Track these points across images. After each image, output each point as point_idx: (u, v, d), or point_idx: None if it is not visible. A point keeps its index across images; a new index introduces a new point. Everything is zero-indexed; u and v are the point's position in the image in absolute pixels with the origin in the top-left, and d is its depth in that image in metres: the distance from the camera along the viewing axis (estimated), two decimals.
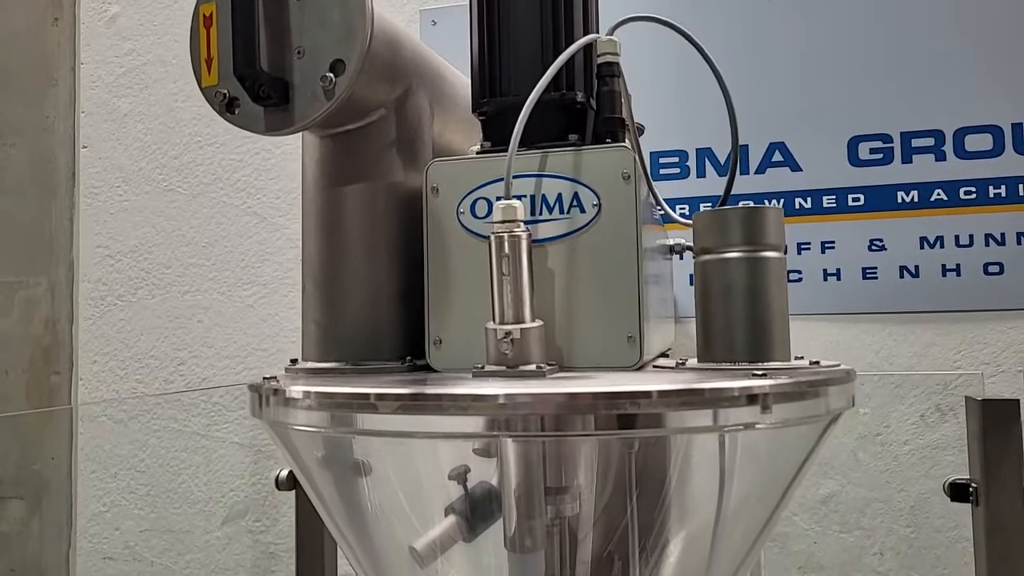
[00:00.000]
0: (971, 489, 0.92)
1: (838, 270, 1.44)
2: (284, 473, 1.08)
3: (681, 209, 1.49)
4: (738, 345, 0.54)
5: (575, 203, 0.55)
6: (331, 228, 0.59)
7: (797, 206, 1.46)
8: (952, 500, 0.93)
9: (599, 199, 0.54)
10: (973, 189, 1.38)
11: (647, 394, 0.39)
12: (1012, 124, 1.37)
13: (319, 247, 0.60)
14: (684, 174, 1.52)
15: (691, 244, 0.74)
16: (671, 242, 0.84)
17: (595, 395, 0.39)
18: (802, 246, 1.46)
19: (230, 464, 1.72)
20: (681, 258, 1.42)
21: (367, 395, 0.42)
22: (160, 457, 1.76)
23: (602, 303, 0.53)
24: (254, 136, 1.92)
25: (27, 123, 1.84)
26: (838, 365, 0.62)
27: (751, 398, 0.41)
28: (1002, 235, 1.36)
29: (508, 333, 0.47)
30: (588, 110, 0.60)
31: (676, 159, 1.51)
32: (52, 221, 1.85)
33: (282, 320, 1.71)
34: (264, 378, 0.57)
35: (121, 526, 1.77)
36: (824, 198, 1.45)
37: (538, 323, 0.48)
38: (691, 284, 0.76)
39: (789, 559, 1.44)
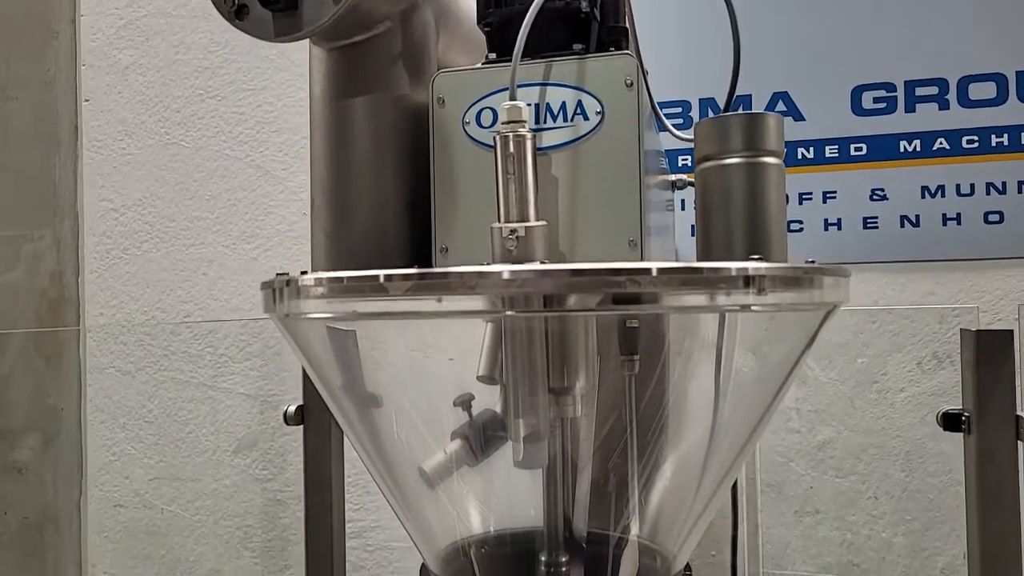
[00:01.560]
0: (963, 418, 0.94)
1: (839, 220, 1.45)
2: (292, 408, 1.10)
3: (684, 161, 1.49)
4: (736, 248, 0.55)
5: (579, 111, 0.56)
6: (339, 141, 0.60)
7: (800, 156, 1.46)
8: (944, 429, 0.94)
9: (602, 106, 0.55)
10: (975, 138, 1.38)
11: (646, 271, 0.40)
12: (1016, 72, 1.36)
13: (327, 159, 0.61)
14: (687, 124, 1.52)
15: (692, 180, 0.75)
16: (673, 178, 0.85)
17: (597, 271, 0.40)
18: (804, 196, 1.46)
19: (236, 414, 1.75)
20: (683, 208, 1.43)
21: (376, 276, 0.44)
22: (167, 408, 1.79)
23: (605, 208, 0.54)
24: (256, 88, 1.92)
25: (29, 76, 1.84)
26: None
27: (748, 280, 0.42)
28: (1003, 184, 1.37)
29: (513, 231, 0.48)
30: (592, 20, 0.60)
31: (679, 109, 1.51)
32: (56, 175, 1.86)
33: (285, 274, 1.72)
34: (277, 275, 0.58)
35: (131, 474, 1.80)
36: (827, 148, 1.45)
37: (542, 222, 0.50)
38: (692, 235, 0.77)
39: (785, 503, 1.47)
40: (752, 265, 0.43)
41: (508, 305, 0.42)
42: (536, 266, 0.45)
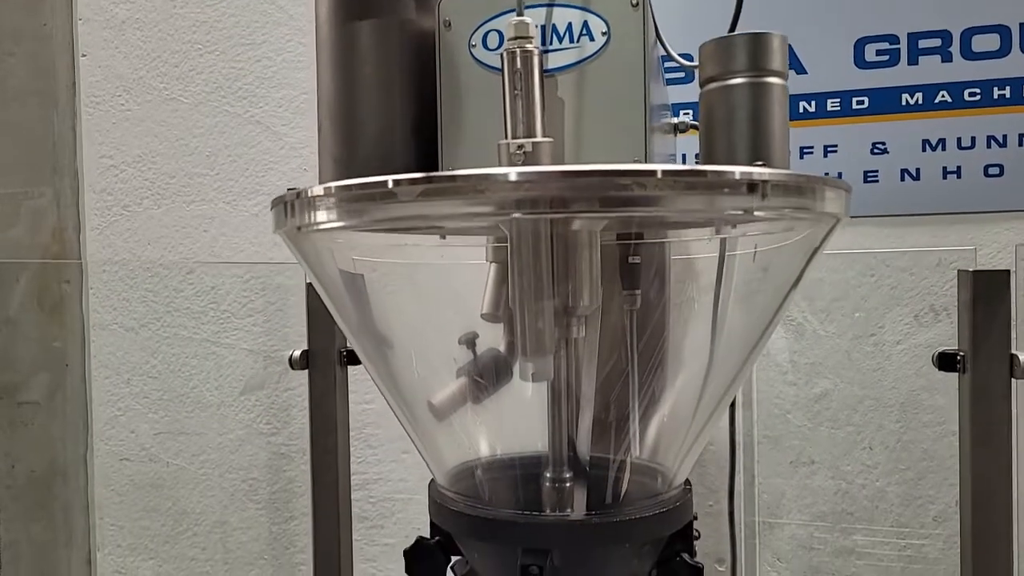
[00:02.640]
0: (958, 358, 0.95)
1: (840, 174, 1.45)
2: (297, 353, 1.11)
3: (686, 114, 1.49)
4: (739, 163, 0.56)
5: (584, 32, 0.56)
6: (345, 64, 0.60)
7: (801, 110, 1.46)
8: (939, 369, 0.96)
9: (608, 27, 0.56)
10: (978, 90, 1.38)
11: (652, 172, 0.41)
12: (1020, 24, 1.36)
13: (334, 83, 0.62)
14: (689, 78, 1.51)
15: (695, 122, 0.76)
16: (675, 121, 0.85)
17: (604, 172, 0.41)
18: (805, 150, 1.47)
19: (240, 369, 1.77)
20: (684, 161, 1.43)
21: (384, 182, 0.44)
22: (171, 364, 1.80)
23: (610, 129, 0.55)
24: (255, 43, 1.90)
25: (25, 30, 1.83)
26: None
27: (751, 185, 0.43)
28: (1004, 137, 1.37)
29: (520, 146, 0.49)
30: None
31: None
32: (55, 131, 1.85)
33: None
34: (288, 189, 0.59)
35: (136, 429, 1.82)
36: (828, 101, 1.45)
37: (549, 139, 0.50)
38: None
39: (781, 454, 1.49)
40: (756, 170, 0.43)
41: (515, 207, 0.43)
42: (544, 168, 0.46)
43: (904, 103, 1.41)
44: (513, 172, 0.42)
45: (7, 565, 1.88)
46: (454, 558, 0.65)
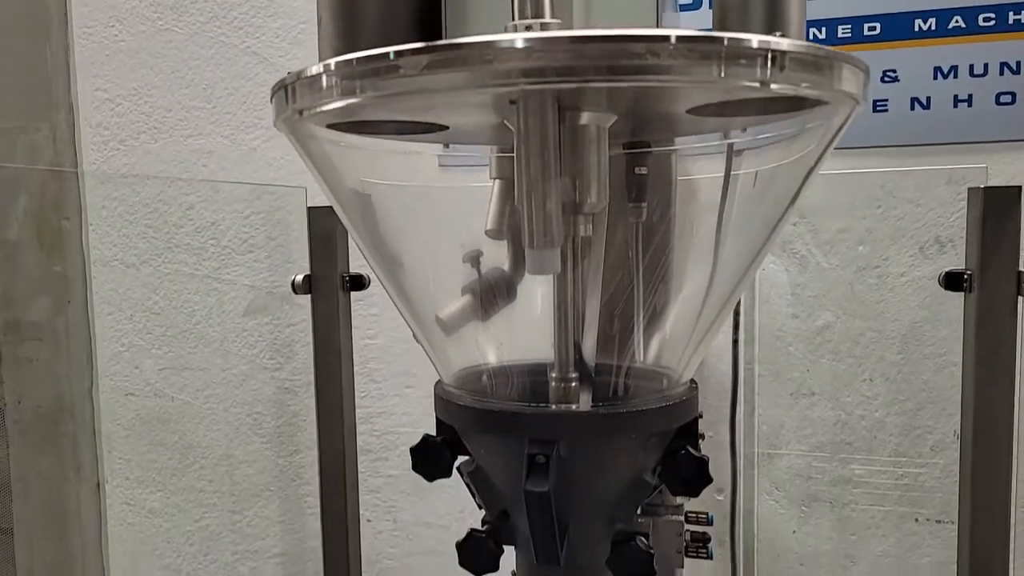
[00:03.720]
0: (965, 277, 0.95)
1: None
2: (300, 278, 1.11)
3: None
4: (754, 29, 0.54)
5: None
6: None
7: (811, 36, 1.42)
8: (946, 289, 0.96)
9: None
10: (992, 15, 1.34)
11: (665, 38, 0.40)
12: None
13: None
14: (697, 5, 1.47)
15: None
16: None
17: (615, 37, 0.39)
18: None
19: (242, 306, 1.77)
20: None
21: (386, 54, 0.43)
22: (173, 300, 1.80)
23: (621, 8, 0.53)
24: None
25: None
26: None
27: (769, 54, 0.41)
28: (1017, 63, 1.34)
29: (528, 27, 0.48)
30: None
31: None
32: (48, 64, 1.82)
33: (288, 163, 1.71)
34: (288, 74, 0.58)
35: (140, 364, 1.84)
36: (839, 28, 1.41)
37: (558, 20, 0.49)
38: None
39: (781, 386, 1.50)
40: (774, 39, 0.42)
41: (523, 76, 0.41)
42: (552, 33, 0.44)
43: (917, 29, 1.38)
44: (520, 38, 0.40)
45: (18, 498, 1.92)
46: (461, 457, 0.65)
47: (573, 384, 0.61)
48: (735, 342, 1.46)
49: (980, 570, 1.03)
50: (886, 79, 1.40)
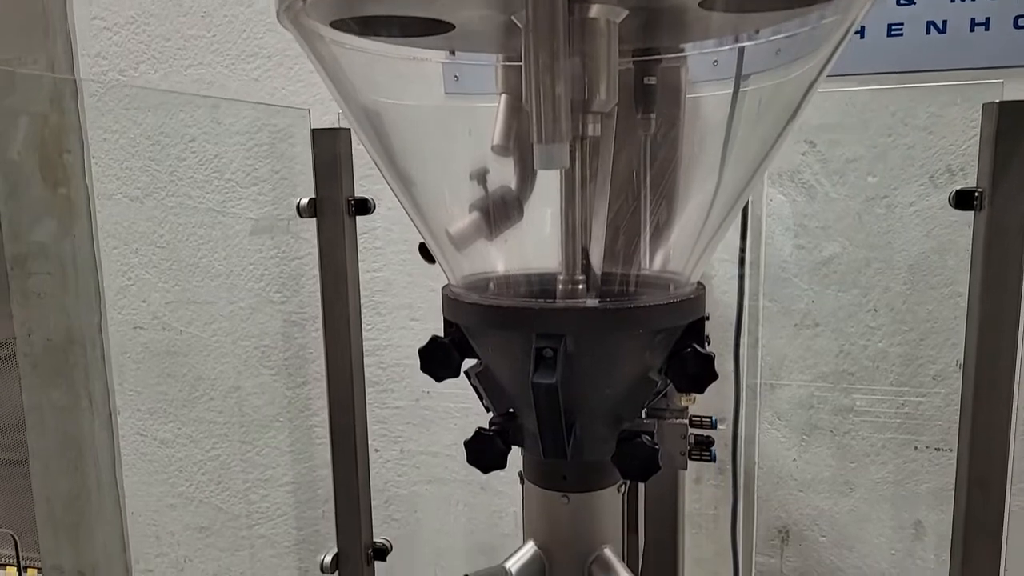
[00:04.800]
0: (976, 195, 0.94)
1: (862, 28, 1.39)
2: (304, 201, 1.11)
3: None
4: None
5: None
6: None
7: None
8: (955, 207, 0.95)
9: None
10: None
11: None
12: None
13: None
14: None
15: None
16: None
17: None
18: None
19: (247, 239, 1.77)
20: None
21: None
22: (179, 233, 1.80)
23: None
24: None
25: None
26: None
27: None
28: None
29: None
30: None
31: None
32: None
33: (289, 94, 1.68)
34: None
35: (148, 298, 1.85)
36: None
37: None
38: None
39: (786, 317, 1.51)
40: None
41: None
42: None
43: None
44: None
45: (32, 429, 1.96)
46: (468, 361, 0.66)
47: (580, 281, 0.61)
48: (740, 276, 1.46)
49: (978, 496, 1.04)
50: (902, 2, 1.36)
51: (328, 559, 1.18)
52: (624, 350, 0.58)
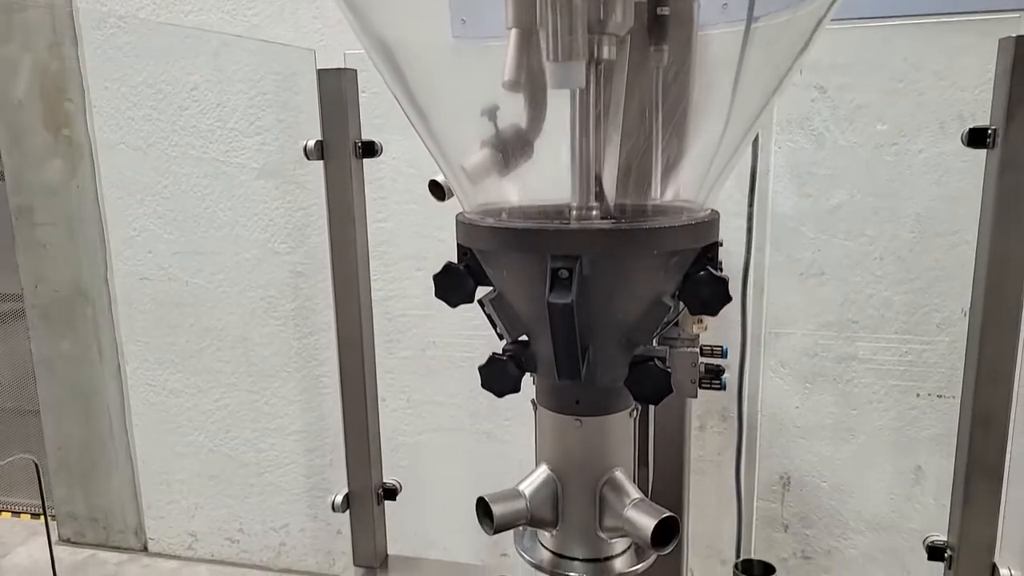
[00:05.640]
0: (989, 132, 0.93)
1: None
2: (311, 143, 1.10)
3: None
4: None
5: None
6: None
7: None
8: (968, 146, 0.94)
9: None
10: None
11: None
12: None
13: None
14: None
15: None
16: None
17: None
18: None
19: (252, 189, 1.76)
20: None
21: None
22: (183, 184, 1.80)
23: None
24: None
25: None
26: None
27: None
28: None
29: None
30: None
31: None
32: None
33: (290, 41, 1.66)
34: None
35: (153, 249, 1.85)
36: None
37: None
38: None
39: (792, 266, 1.51)
40: None
41: None
42: None
43: None
44: None
45: (42, 379, 1.98)
46: (481, 289, 0.66)
47: (595, 207, 0.61)
48: (748, 228, 1.45)
49: (980, 440, 1.05)
50: None
51: (339, 499, 1.20)
52: (638, 272, 0.58)
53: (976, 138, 0.94)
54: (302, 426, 1.85)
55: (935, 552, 1.03)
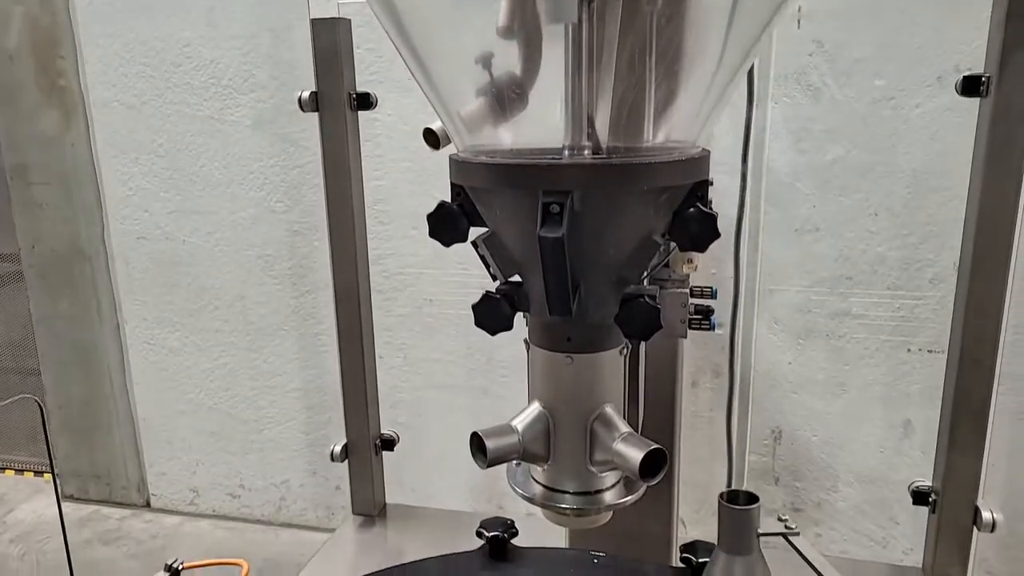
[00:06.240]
0: (983, 80, 0.93)
1: None
2: (306, 94, 1.09)
3: None
4: None
5: None
6: None
7: None
8: (961, 94, 0.94)
9: None
10: None
11: None
12: None
13: None
14: None
15: None
16: None
17: None
18: None
19: (247, 148, 1.75)
20: None
21: None
22: (177, 142, 1.79)
23: None
24: None
25: None
26: None
27: None
28: None
29: None
30: None
31: None
32: None
33: None
34: None
35: (149, 208, 1.85)
36: None
37: None
38: None
39: (787, 222, 1.51)
40: None
41: None
42: None
43: None
44: None
45: (42, 339, 1.99)
46: (474, 230, 0.67)
47: (586, 147, 0.62)
48: (743, 186, 1.45)
49: (966, 384, 1.07)
50: None
51: (337, 449, 1.22)
52: (629, 208, 0.59)
53: (970, 86, 0.94)
54: (300, 384, 1.87)
55: (920, 496, 1.06)
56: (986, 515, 1.00)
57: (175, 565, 0.87)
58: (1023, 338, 1.44)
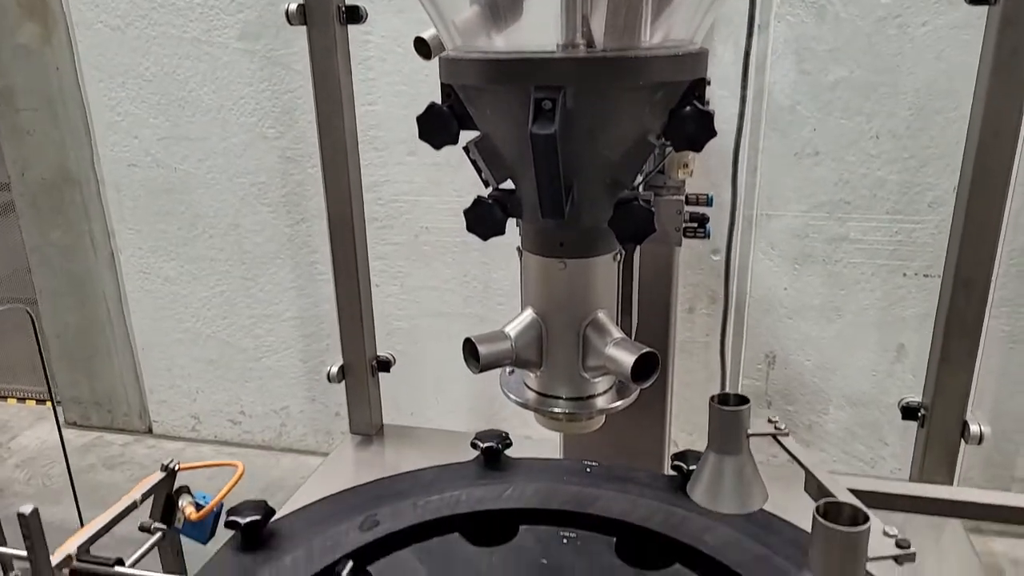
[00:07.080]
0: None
1: None
2: (293, 6, 1.06)
3: None
4: None
5: None
6: None
7: None
8: (969, 2, 0.91)
9: None
10: None
11: None
12: None
13: None
14: None
15: None
16: None
17: None
18: None
19: (236, 72, 1.71)
20: None
21: None
22: (164, 66, 1.74)
23: None
24: None
25: None
26: None
27: None
28: None
29: None
30: None
31: None
32: None
33: None
34: None
35: (139, 135, 1.81)
36: None
37: None
38: None
39: (787, 146, 1.49)
40: None
41: None
42: None
43: None
44: None
45: (36, 268, 1.98)
46: (465, 134, 0.65)
47: (580, 44, 0.60)
48: (741, 111, 1.42)
49: (960, 301, 1.07)
50: None
51: (334, 370, 1.24)
52: (623, 105, 0.58)
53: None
54: (297, 312, 1.88)
55: (909, 412, 1.08)
56: (974, 428, 1.02)
57: (171, 465, 0.88)
58: (1018, 264, 1.44)
